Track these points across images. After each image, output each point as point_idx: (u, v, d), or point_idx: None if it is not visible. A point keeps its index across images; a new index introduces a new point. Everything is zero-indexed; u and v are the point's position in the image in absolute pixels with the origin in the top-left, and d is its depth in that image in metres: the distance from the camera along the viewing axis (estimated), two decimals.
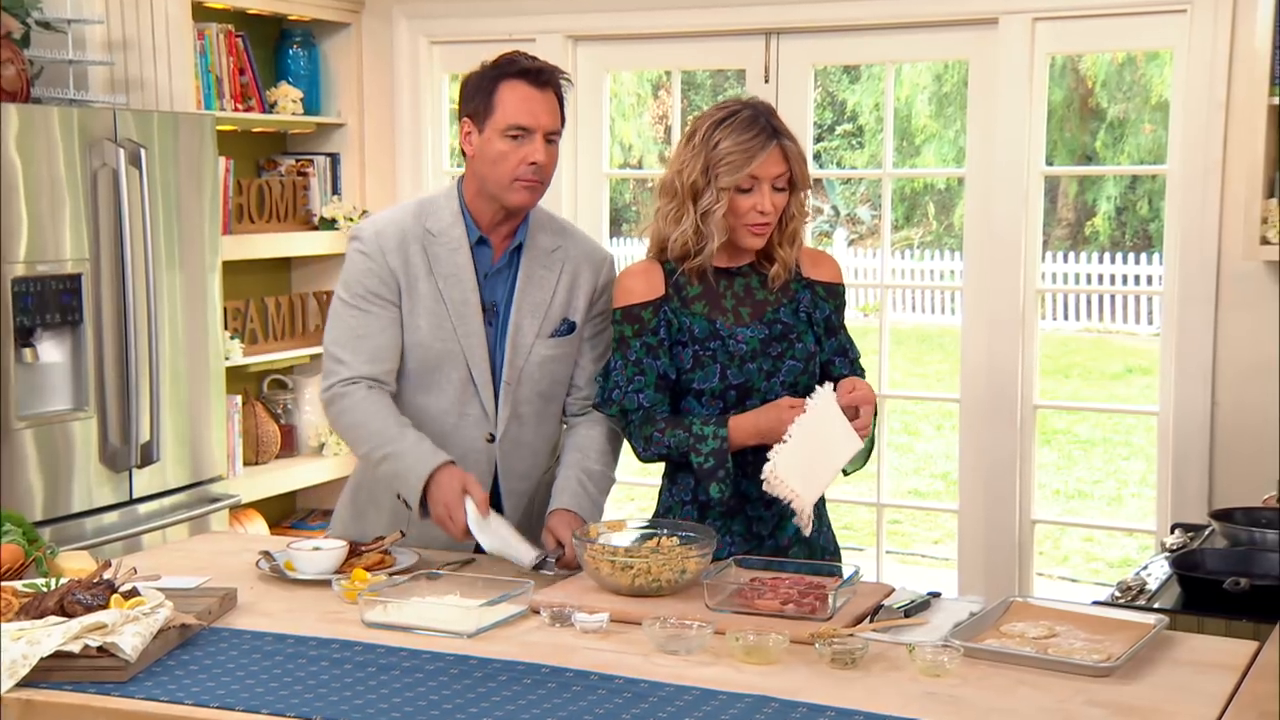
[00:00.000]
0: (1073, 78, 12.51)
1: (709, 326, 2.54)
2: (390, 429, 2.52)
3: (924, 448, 8.88)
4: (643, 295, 2.56)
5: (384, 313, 2.57)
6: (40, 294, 3.43)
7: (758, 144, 2.47)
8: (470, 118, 2.55)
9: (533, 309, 2.61)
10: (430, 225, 2.59)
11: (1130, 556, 6.49)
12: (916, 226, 13.90)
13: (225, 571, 2.48)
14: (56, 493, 3.51)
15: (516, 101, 2.51)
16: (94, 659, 1.95)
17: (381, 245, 2.57)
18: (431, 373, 2.59)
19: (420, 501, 2.48)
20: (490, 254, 2.61)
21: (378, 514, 2.68)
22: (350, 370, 2.56)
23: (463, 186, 2.62)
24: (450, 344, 2.57)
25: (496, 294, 2.61)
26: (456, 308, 2.57)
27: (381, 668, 2.00)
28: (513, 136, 2.50)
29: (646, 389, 2.54)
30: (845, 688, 1.93)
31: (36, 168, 3.42)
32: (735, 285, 2.58)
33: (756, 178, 2.48)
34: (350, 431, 2.58)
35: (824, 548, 2.65)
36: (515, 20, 4.52)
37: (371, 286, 2.57)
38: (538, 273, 2.62)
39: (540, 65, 2.55)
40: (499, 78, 2.53)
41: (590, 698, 1.88)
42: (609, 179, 4.66)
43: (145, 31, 4.01)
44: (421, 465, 2.48)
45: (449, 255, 2.57)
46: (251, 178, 4.62)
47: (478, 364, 2.58)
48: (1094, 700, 1.87)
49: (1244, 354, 3.77)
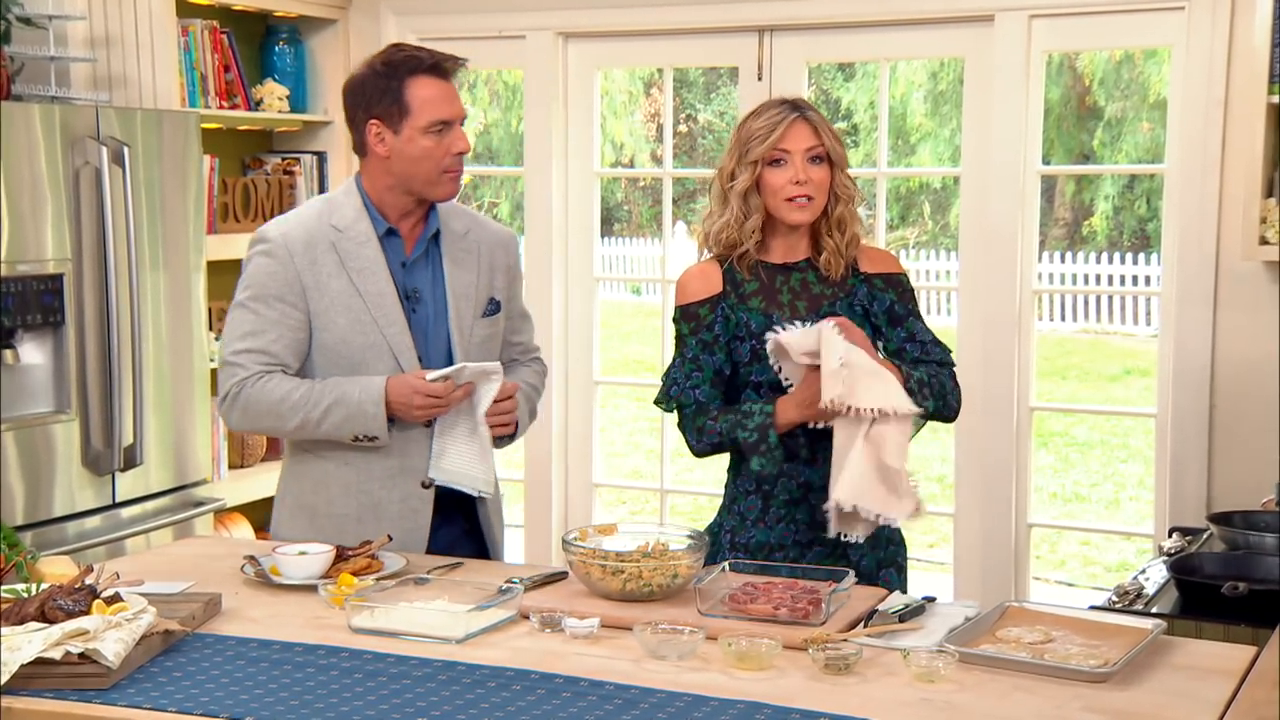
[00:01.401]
0: (1070, 75, 12.52)
1: (765, 321, 2.60)
2: (315, 386, 2.59)
3: (919, 450, 8.76)
4: (700, 293, 2.64)
5: (284, 316, 2.60)
6: (21, 294, 3.40)
7: (780, 116, 2.57)
8: (379, 119, 2.60)
9: (465, 291, 2.69)
10: (335, 222, 2.64)
11: (1128, 560, 6.48)
12: (912, 226, 13.91)
13: (210, 576, 2.46)
14: (38, 496, 3.48)
15: (431, 98, 2.59)
16: (75, 666, 1.93)
17: (289, 247, 2.61)
18: (356, 368, 2.62)
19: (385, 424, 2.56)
20: (401, 244, 2.67)
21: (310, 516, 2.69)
22: (246, 373, 2.60)
23: (363, 183, 2.67)
24: (373, 336, 2.61)
25: (419, 281, 2.67)
26: (373, 300, 2.61)
27: (368, 674, 1.98)
28: (436, 132, 2.58)
29: (703, 385, 2.61)
30: (839, 694, 1.91)
31: (17, 166, 3.39)
32: (791, 280, 2.64)
33: (786, 150, 2.56)
34: (271, 412, 2.59)
35: (888, 538, 2.67)
36: (504, 16, 4.49)
37: (273, 289, 2.60)
38: (460, 256, 2.70)
39: (440, 57, 2.62)
40: (403, 76, 2.58)
41: (580, 704, 1.87)
42: (600, 178, 4.64)
43: (128, 28, 3.99)
44: (371, 389, 2.55)
45: (358, 250, 2.62)
46: (237, 176, 4.59)
47: (403, 352, 2.62)
48: (1091, 706, 1.86)
49: (1243, 355, 3.75)
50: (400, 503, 2.65)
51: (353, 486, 2.65)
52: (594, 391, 4.63)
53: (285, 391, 2.58)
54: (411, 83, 2.58)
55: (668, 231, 4.98)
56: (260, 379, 2.59)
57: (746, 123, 2.61)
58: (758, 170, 2.58)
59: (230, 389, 2.61)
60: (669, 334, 4.60)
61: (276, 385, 2.59)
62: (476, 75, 12.41)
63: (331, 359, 2.62)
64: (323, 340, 2.62)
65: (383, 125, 2.59)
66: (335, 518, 2.66)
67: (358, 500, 2.65)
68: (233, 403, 2.62)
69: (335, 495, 2.67)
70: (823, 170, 2.59)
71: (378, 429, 2.56)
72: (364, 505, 2.65)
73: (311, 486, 2.69)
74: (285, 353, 2.61)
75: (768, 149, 2.56)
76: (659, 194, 11.71)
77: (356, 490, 2.65)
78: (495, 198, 14.30)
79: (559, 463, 4.63)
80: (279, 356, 2.60)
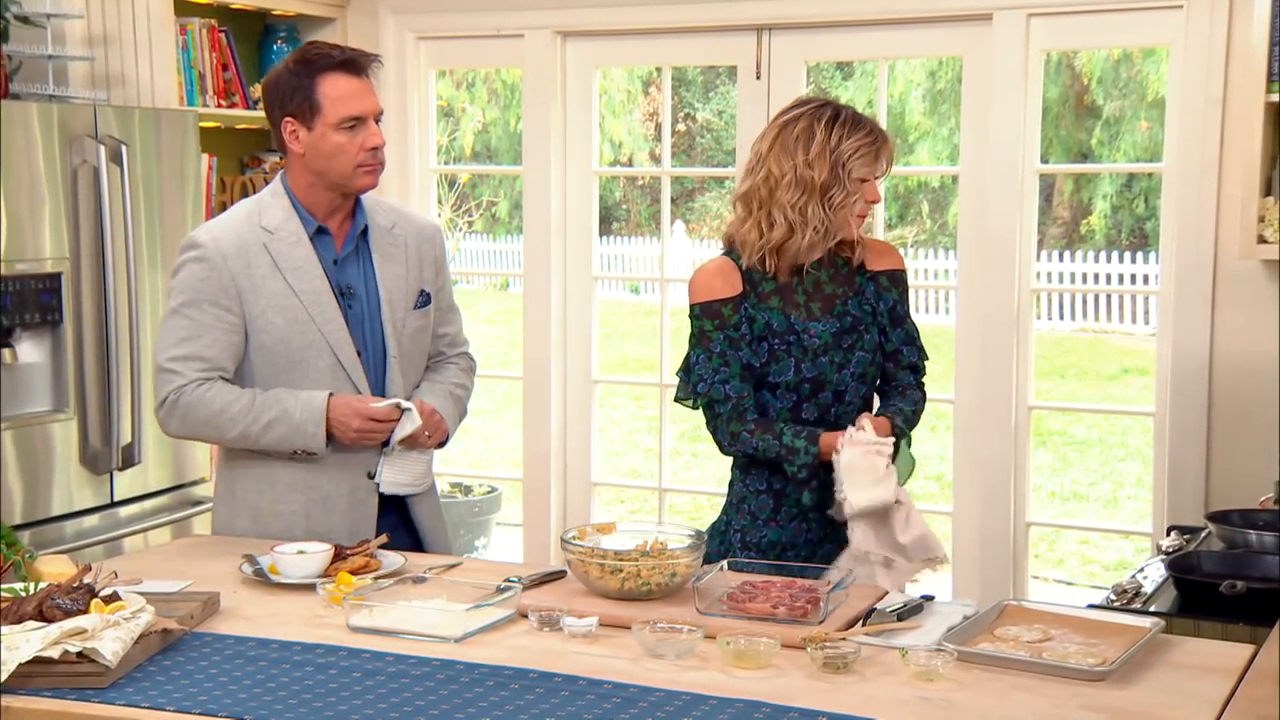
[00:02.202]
0: (1068, 74, 12.51)
1: (785, 321, 2.64)
2: (255, 399, 2.60)
3: (917, 449, 8.82)
4: (723, 292, 2.65)
5: (218, 321, 2.61)
6: (19, 293, 3.40)
7: (880, 138, 2.62)
8: (293, 117, 2.62)
9: (396, 285, 2.72)
10: (265, 224, 2.65)
11: (1126, 559, 6.47)
12: (910, 225, 13.89)
13: (208, 576, 2.46)
14: (36, 495, 3.48)
15: (342, 94, 2.60)
16: (74, 665, 1.93)
17: (221, 251, 2.62)
18: (296, 366, 2.63)
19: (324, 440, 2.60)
20: (332, 241, 2.69)
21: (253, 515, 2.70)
22: (184, 380, 2.60)
23: (288, 182, 2.69)
24: (311, 334, 2.63)
25: (351, 277, 2.69)
26: (309, 298, 2.63)
27: (367, 673, 1.98)
28: (348, 128, 2.59)
29: (732, 379, 2.63)
30: (837, 693, 1.91)
31: (15, 165, 3.39)
32: (805, 281, 2.68)
33: (877, 172, 2.64)
34: (210, 423, 2.61)
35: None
36: (503, 15, 4.49)
37: (206, 294, 2.61)
38: (388, 250, 2.73)
39: (351, 54, 2.64)
40: (314, 73, 2.60)
41: (579, 703, 1.87)
42: (598, 177, 4.63)
43: (126, 26, 3.98)
44: (313, 407, 2.58)
45: (290, 249, 2.64)
46: (235, 175, 4.58)
47: (342, 348, 2.65)
48: (1089, 705, 1.86)
49: (1241, 354, 3.75)
50: (349, 495, 2.68)
51: (299, 483, 2.67)
52: (592, 391, 4.63)
53: (226, 402, 2.59)
54: (323, 80, 2.59)
55: (666, 231, 4.98)
56: (199, 386, 2.60)
57: (836, 134, 2.58)
58: (857, 185, 2.61)
59: (168, 395, 2.61)
60: (668, 332, 4.61)
61: (216, 395, 2.59)
62: (475, 74, 12.40)
63: (270, 359, 2.64)
64: (261, 341, 2.63)
65: (297, 123, 2.61)
66: (281, 515, 2.68)
67: (305, 496, 2.67)
68: (170, 410, 2.62)
69: (281, 493, 2.68)
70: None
71: (316, 446, 2.60)
72: (312, 500, 2.67)
73: (256, 486, 2.70)
74: (221, 357, 2.62)
75: (869, 172, 2.61)
76: (657, 193, 11.71)
77: (304, 486, 2.67)
78: (494, 196, 14.29)
79: (557, 462, 4.62)
80: (215, 361, 2.61)
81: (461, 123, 13.09)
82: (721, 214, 12.95)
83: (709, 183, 14.38)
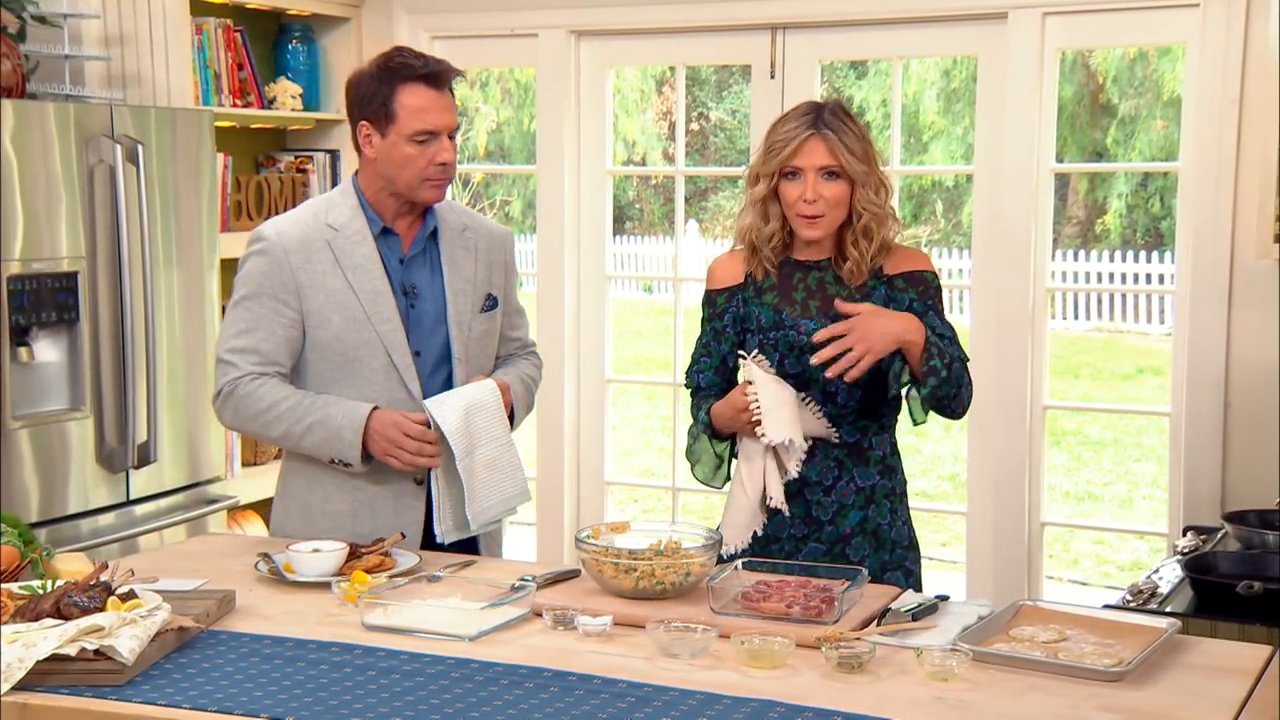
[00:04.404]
0: (1083, 73, 12.47)
1: (774, 317, 2.63)
2: (304, 400, 2.60)
3: (931, 449, 8.84)
4: (720, 281, 2.70)
5: (277, 315, 2.62)
6: (36, 292, 3.41)
7: (797, 132, 2.57)
8: (369, 121, 2.62)
9: (463, 287, 2.71)
10: (331, 220, 2.66)
11: (1141, 560, 6.45)
12: (924, 224, 13.87)
13: (223, 574, 2.47)
14: (52, 494, 3.49)
15: (420, 107, 2.59)
16: (91, 662, 1.94)
17: (284, 245, 2.63)
18: (350, 365, 2.63)
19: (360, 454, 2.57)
20: (398, 242, 2.69)
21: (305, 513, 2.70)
22: (239, 372, 2.61)
23: (358, 182, 2.69)
24: (366, 333, 2.63)
25: (417, 277, 2.69)
26: (367, 297, 2.63)
27: (382, 671, 1.98)
28: (420, 141, 2.59)
29: (707, 370, 2.70)
30: (852, 692, 1.91)
31: (32, 164, 3.39)
32: (809, 279, 2.66)
33: (800, 167, 2.56)
34: (259, 419, 2.61)
35: (895, 540, 2.67)
36: (517, 15, 4.49)
37: (266, 288, 2.62)
38: (458, 253, 2.72)
39: (436, 68, 2.62)
40: (395, 81, 2.59)
41: (594, 702, 1.87)
42: (612, 176, 4.63)
43: (142, 26, 3.99)
44: (355, 416, 2.56)
45: (353, 248, 2.64)
46: (250, 174, 4.59)
47: (396, 349, 2.64)
48: (1105, 705, 1.85)
49: (1257, 353, 3.73)
50: (394, 499, 2.66)
51: (347, 483, 2.66)
52: (605, 390, 4.63)
53: (275, 400, 2.60)
54: (402, 90, 2.58)
55: (679, 230, 4.98)
56: (253, 380, 2.60)
57: (774, 129, 2.62)
58: (774, 181, 2.60)
59: (223, 387, 2.63)
60: (681, 332, 4.61)
61: (268, 391, 2.60)
62: (489, 73, 12.41)
63: (325, 355, 2.64)
64: (317, 338, 2.63)
65: (372, 127, 2.61)
66: (329, 514, 2.67)
67: (352, 496, 2.66)
68: (225, 401, 2.63)
69: (331, 492, 2.68)
70: (837, 187, 2.57)
71: (351, 457, 2.58)
72: (359, 502, 2.66)
73: (307, 484, 2.70)
74: (277, 351, 2.62)
75: (781, 163, 2.57)
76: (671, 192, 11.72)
77: (351, 487, 2.66)
78: (507, 196, 14.30)
79: (570, 461, 4.63)
80: (270, 355, 2.61)
81: (475, 122, 13.11)
82: (735, 213, 12.94)
83: (722, 182, 14.37)
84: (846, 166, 2.56)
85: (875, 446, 2.64)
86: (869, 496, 2.64)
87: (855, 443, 2.62)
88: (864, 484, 2.64)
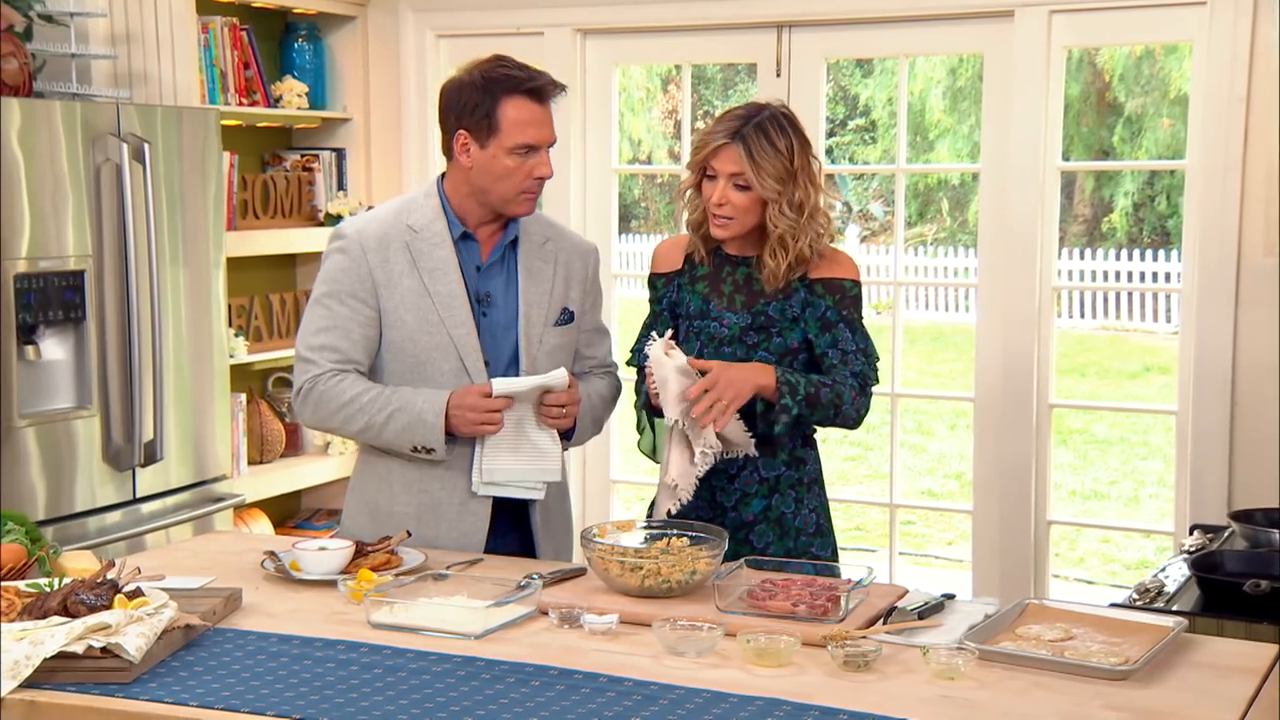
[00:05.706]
0: (1090, 71, 12.45)
1: (702, 306, 2.71)
2: (384, 391, 2.59)
3: (938, 447, 8.84)
4: (659, 266, 2.80)
5: (356, 312, 2.61)
6: (43, 291, 3.41)
7: (714, 138, 2.62)
8: (468, 131, 2.58)
9: (538, 299, 2.67)
10: (412, 222, 2.64)
11: (1148, 558, 6.44)
12: (930, 223, 13.86)
13: (230, 572, 2.47)
14: (59, 492, 3.49)
15: (524, 120, 2.56)
16: (97, 660, 1.94)
17: (362, 244, 2.62)
18: (422, 367, 2.62)
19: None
20: (477, 248, 2.67)
21: (372, 513, 2.69)
22: (319, 369, 2.60)
23: (444, 186, 2.67)
24: (439, 335, 2.61)
25: (492, 285, 2.66)
26: (442, 300, 2.61)
27: (388, 669, 1.98)
28: (521, 154, 2.56)
29: (641, 351, 2.71)
30: (858, 691, 1.91)
31: (39, 163, 3.40)
32: (737, 273, 2.70)
33: (714, 169, 2.61)
34: (340, 413, 2.60)
35: (799, 528, 2.68)
36: (523, 13, 4.49)
37: (346, 285, 2.61)
38: (536, 265, 2.69)
39: (541, 82, 2.58)
40: (499, 93, 2.55)
41: (600, 700, 1.87)
42: (618, 174, 4.63)
43: (149, 25, 4.00)
44: (436, 401, 2.54)
45: (432, 250, 2.62)
46: (256, 173, 4.60)
47: (469, 353, 2.62)
48: (1112, 704, 1.85)
49: (1264, 352, 3.72)
50: (459, 505, 2.64)
51: (414, 485, 2.65)
52: None
53: (356, 393, 2.58)
54: (506, 102, 2.54)
55: (684, 228, 4.97)
56: (332, 377, 2.59)
57: (710, 124, 2.66)
58: (699, 175, 2.66)
59: (304, 384, 2.62)
60: None
61: (348, 386, 2.59)
62: None
63: (397, 356, 2.63)
64: (390, 338, 2.62)
65: (470, 137, 2.57)
66: (396, 516, 2.65)
67: (418, 499, 2.65)
68: (305, 398, 2.62)
69: (398, 493, 2.66)
70: (746, 197, 2.60)
71: (435, 440, 2.55)
72: (424, 505, 2.64)
73: (376, 484, 2.69)
74: (354, 349, 2.61)
75: (699, 162, 2.64)
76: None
77: (417, 489, 2.64)
78: None
79: (576, 459, 4.63)
80: (348, 353, 2.60)
81: None
82: None
83: None
84: (753, 183, 2.59)
85: (784, 440, 2.65)
86: (773, 486, 2.68)
87: (763, 434, 2.63)
88: (768, 474, 2.68)
